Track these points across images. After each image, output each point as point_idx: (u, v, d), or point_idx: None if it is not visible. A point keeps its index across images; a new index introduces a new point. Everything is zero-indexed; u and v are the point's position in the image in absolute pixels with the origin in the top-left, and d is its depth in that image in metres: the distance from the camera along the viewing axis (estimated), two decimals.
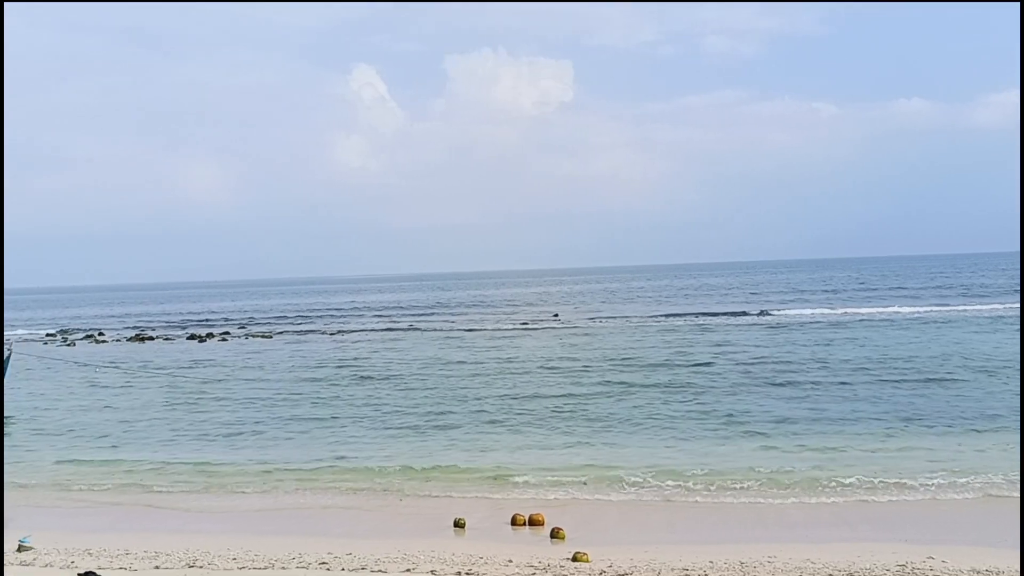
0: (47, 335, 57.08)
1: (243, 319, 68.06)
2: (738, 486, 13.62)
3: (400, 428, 19.52)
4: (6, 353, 24.85)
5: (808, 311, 52.67)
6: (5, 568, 9.85)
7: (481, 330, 48.34)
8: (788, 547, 10.37)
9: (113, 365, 34.67)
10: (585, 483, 14.06)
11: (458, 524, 11.84)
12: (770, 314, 51.64)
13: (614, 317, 54.24)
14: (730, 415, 19.60)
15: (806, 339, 35.20)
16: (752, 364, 27.89)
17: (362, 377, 28.39)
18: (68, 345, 47.99)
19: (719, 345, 34.14)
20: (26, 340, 50.11)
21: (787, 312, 52.28)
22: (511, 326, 50.41)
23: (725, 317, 50.68)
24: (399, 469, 15.54)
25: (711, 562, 9.75)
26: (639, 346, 35.34)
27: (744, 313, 53.13)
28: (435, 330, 50.02)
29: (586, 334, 42.71)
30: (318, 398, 24.25)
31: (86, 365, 33.98)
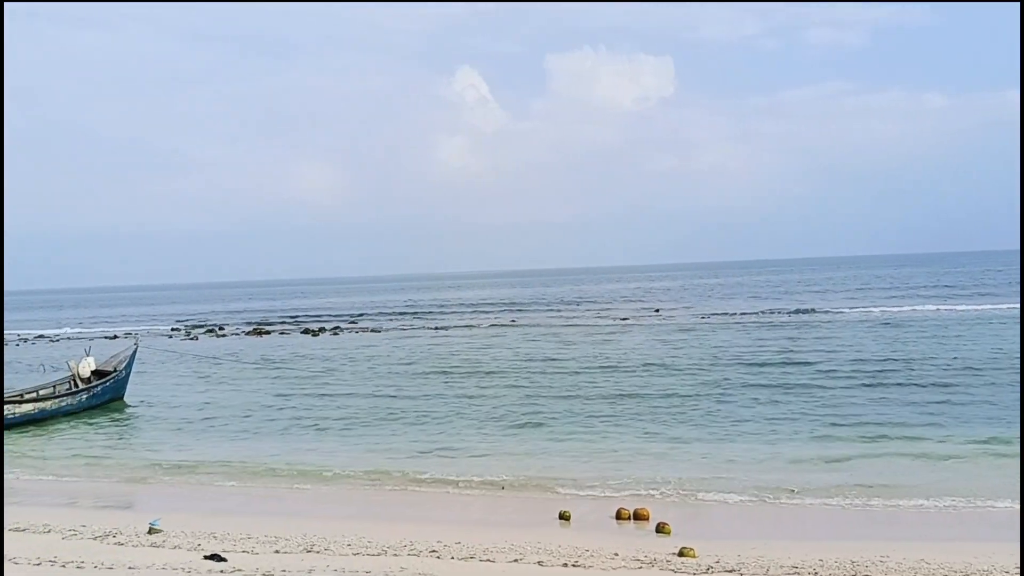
0: (172, 329, 60.16)
1: (352, 314, 70.04)
2: (849, 486, 13.30)
3: (501, 422, 19.75)
4: (132, 348, 26.43)
5: (921, 308, 50.54)
6: (138, 548, 10.52)
7: (581, 326, 48.33)
8: (901, 546, 10.09)
9: (234, 357, 36.26)
10: (690, 479, 13.98)
11: (563, 517, 11.98)
12: (880, 310, 49.80)
13: (716, 313, 53.32)
14: (841, 415, 19.09)
15: (920, 337, 33.86)
16: (863, 363, 26.99)
17: (465, 373, 28.79)
18: (191, 339, 50.41)
19: (827, 343, 33.19)
20: (152, 334, 53.02)
21: (898, 309, 50.29)
22: (611, 322, 50.21)
23: (832, 314, 49.16)
24: (501, 461, 15.82)
25: (820, 560, 9.59)
26: (742, 343, 34.69)
27: (852, 309, 51.40)
28: (535, 326, 50.27)
29: (688, 330, 42.15)
30: (422, 392, 24.78)
31: (207, 358, 35.64)
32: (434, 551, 10.24)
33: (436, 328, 51.34)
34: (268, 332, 53.54)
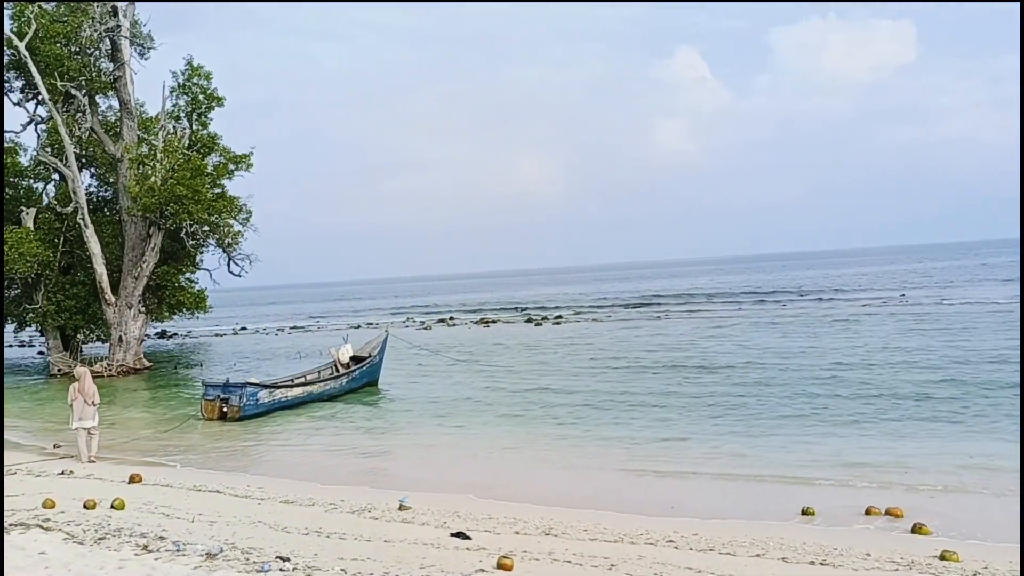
0: (407, 319, 63.90)
1: (574, 304, 71.01)
2: None
3: (734, 416, 19.10)
4: (384, 335, 28.10)
5: None
6: (391, 523, 11.20)
7: (815, 315, 45.91)
8: None
9: (467, 346, 37.85)
10: (949, 478, 12.88)
11: (806, 512, 11.43)
12: None
13: (967, 301, 48.71)
14: None
15: None
16: None
17: (693, 367, 27.81)
18: (425, 328, 53.21)
19: None
20: (390, 325, 56.53)
21: None
22: (852, 310, 47.24)
23: None
24: (737, 454, 15.39)
25: None
26: (1000, 334, 31.46)
27: None
28: (763, 314, 48.43)
29: (935, 318, 38.90)
30: (650, 383, 24.43)
31: (442, 346, 37.43)
32: (671, 541, 10.14)
33: (658, 317, 50.84)
34: (494, 322, 55.52)
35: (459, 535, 10.40)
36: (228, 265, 36.04)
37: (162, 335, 57.70)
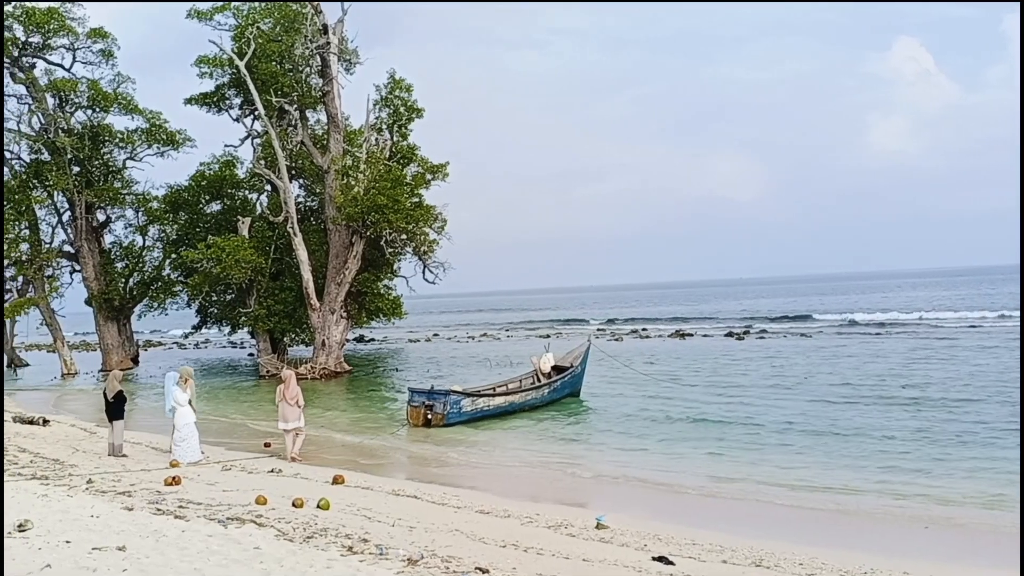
0: (597, 330, 63.52)
1: (776, 316, 68.03)
2: None
3: (969, 448, 17.01)
4: (586, 345, 27.37)
5: None
6: (588, 542, 10.76)
7: None
8: None
9: (666, 360, 36.78)
10: None
11: None
12: None
13: None
14: None
15: None
16: None
17: (919, 396, 24.08)
18: (616, 340, 52.46)
19: None
20: (580, 335, 56.29)
21: None
22: None
23: None
24: (974, 492, 13.75)
25: None
26: None
27: None
28: (1004, 334, 43.30)
29: None
30: (860, 412, 21.89)
31: (635, 359, 36.59)
32: None
33: (877, 334, 47.10)
34: (691, 334, 53.88)
35: (661, 559, 9.83)
36: (423, 272, 36.91)
37: (359, 340, 60.37)
